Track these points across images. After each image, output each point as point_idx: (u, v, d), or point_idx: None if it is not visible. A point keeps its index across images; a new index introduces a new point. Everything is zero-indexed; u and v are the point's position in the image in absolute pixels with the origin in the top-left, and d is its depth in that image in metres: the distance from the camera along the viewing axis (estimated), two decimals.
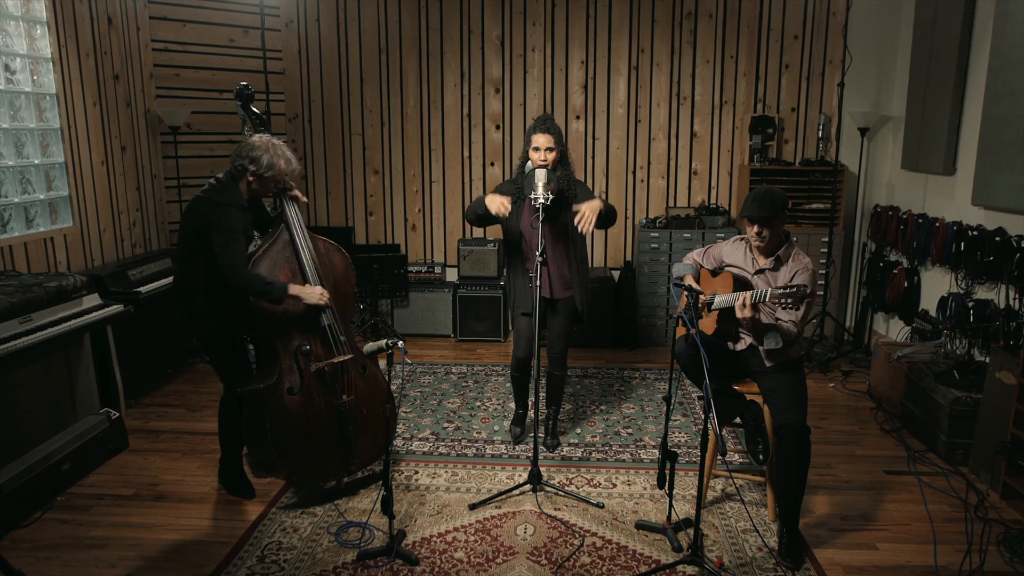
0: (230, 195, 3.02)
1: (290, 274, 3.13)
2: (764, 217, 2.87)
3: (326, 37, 5.82)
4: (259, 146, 3.00)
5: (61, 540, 2.98)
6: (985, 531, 3.03)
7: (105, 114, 4.67)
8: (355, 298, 3.67)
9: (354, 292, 3.45)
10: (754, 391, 3.07)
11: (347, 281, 3.37)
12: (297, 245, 3.16)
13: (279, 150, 3.04)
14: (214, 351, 3.21)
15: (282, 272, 3.11)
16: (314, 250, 3.21)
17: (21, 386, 3.39)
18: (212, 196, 3.00)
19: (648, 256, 5.54)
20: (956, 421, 3.63)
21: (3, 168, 3.90)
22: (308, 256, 3.16)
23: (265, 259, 3.09)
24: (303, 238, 3.17)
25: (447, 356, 5.43)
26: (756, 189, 2.97)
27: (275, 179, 3.07)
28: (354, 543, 2.94)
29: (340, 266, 3.35)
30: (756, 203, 2.88)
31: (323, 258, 3.26)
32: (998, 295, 3.93)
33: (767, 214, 2.86)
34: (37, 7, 4.12)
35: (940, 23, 4.58)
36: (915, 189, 4.98)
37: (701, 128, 5.76)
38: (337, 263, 3.34)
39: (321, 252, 3.27)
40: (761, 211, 2.87)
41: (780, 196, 2.91)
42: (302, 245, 3.16)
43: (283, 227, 3.18)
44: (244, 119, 3.36)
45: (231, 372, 3.21)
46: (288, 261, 3.15)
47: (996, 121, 3.91)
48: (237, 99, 3.32)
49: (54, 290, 3.53)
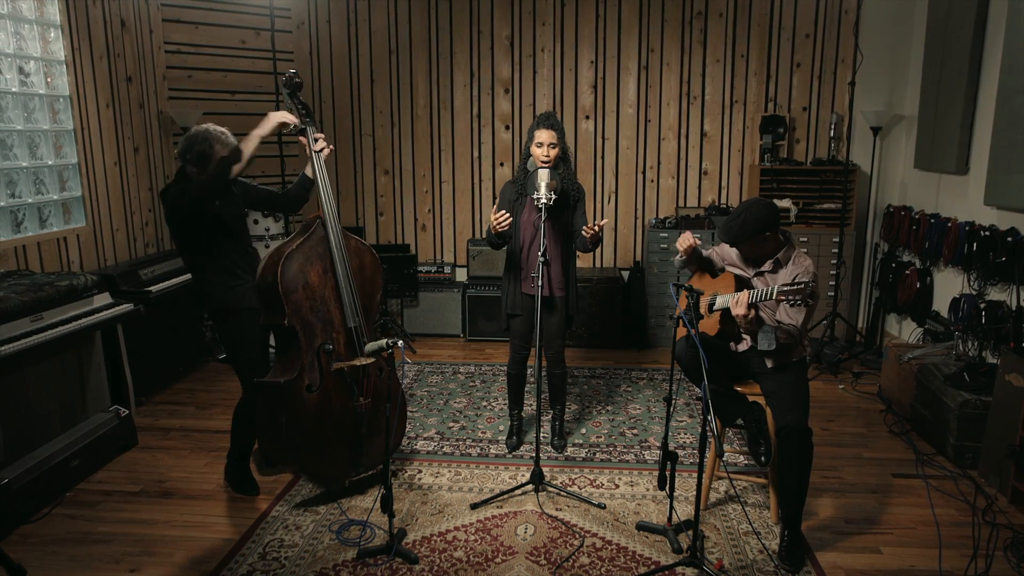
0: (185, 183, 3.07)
1: (321, 271, 3.14)
2: (734, 241, 2.91)
3: (337, 38, 5.86)
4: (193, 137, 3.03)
5: (68, 535, 3.03)
6: (992, 536, 2.98)
7: (118, 115, 4.74)
8: (382, 300, 3.65)
9: (381, 294, 3.45)
10: (756, 392, 3.05)
11: (374, 283, 3.38)
12: (332, 243, 3.16)
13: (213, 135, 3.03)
14: (233, 346, 3.24)
15: (314, 268, 3.12)
16: (346, 249, 3.22)
17: (32, 383, 3.45)
18: (171, 187, 3.08)
19: (657, 256, 5.52)
20: (965, 424, 3.58)
21: (17, 169, 3.97)
22: (340, 255, 3.17)
23: (299, 254, 3.09)
24: (337, 237, 3.18)
25: (455, 356, 5.45)
26: (736, 208, 2.94)
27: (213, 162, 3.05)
28: (355, 541, 2.96)
29: (369, 267, 3.36)
30: (726, 225, 2.90)
31: (353, 257, 3.27)
32: (1010, 296, 3.87)
33: (733, 239, 2.90)
34: (51, 10, 4.18)
35: (953, 21, 4.52)
36: (928, 189, 4.92)
37: (711, 128, 5.73)
38: (367, 264, 3.35)
39: (352, 251, 3.28)
40: (727, 235, 2.91)
41: (756, 218, 2.83)
42: (336, 244, 3.16)
43: (318, 223, 3.19)
44: (291, 109, 3.29)
45: (249, 370, 3.23)
46: (320, 258, 3.16)
47: (1009, 120, 3.85)
48: (285, 87, 3.27)
49: (65, 289, 3.58)
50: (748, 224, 2.84)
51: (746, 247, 2.96)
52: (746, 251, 3.00)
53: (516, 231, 3.58)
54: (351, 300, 3.18)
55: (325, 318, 3.14)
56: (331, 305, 3.16)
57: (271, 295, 3.03)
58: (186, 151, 3.04)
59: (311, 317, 3.10)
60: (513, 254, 3.61)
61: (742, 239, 2.89)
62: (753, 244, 2.92)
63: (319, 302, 3.12)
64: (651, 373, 5.04)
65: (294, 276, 3.05)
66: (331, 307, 3.16)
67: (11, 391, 3.30)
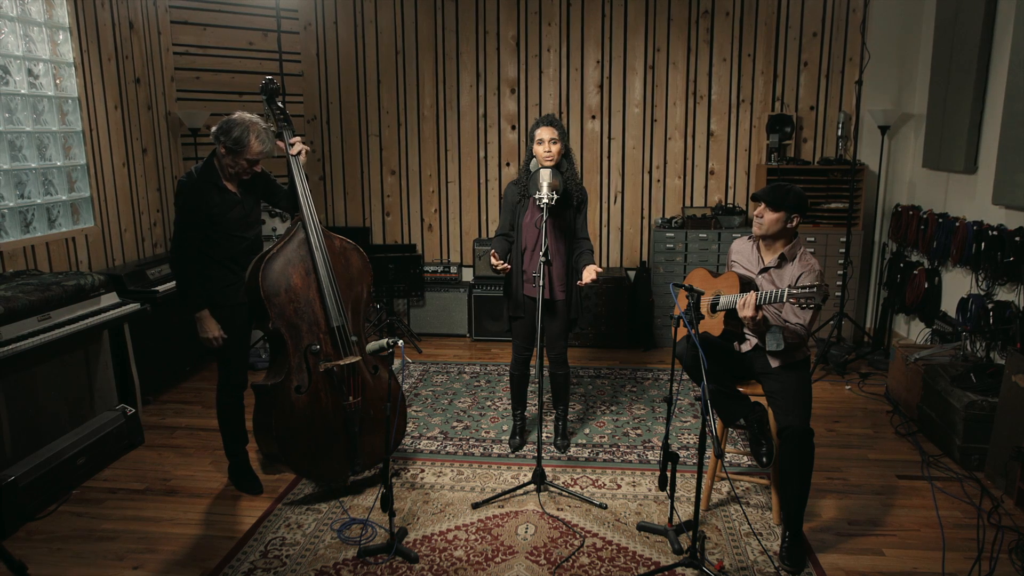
0: (205, 175, 3.11)
1: (304, 273, 3.16)
2: (768, 200, 2.90)
3: (343, 39, 5.88)
4: (235, 121, 3.05)
5: (74, 532, 3.06)
6: (997, 538, 2.95)
7: (126, 117, 4.78)
8: (371, 298, 3.69)
9: (371, 292, 3.47)
10: (758, 392, 3.04)
11: (363, 281, 3.39)
12: (312, 244, 3.19)
13: (255, 128, 3.06)
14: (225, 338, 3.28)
15: (296, 271, 3.15)
16: (328, 250, 3.24)
17: (40, 382, 3.49)
18: (186, 178, 3.11)
19: (664, 256, 5.51)
20: (972, 425, 3.55)
21: (26, 170, 4.02)
22: (321, 256, 3.19)
23: (280, 257, 3.12)
24: (317, 238, 3.20)
25: (461, 356, 5.46)
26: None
27: (246, 157, 3.08)
28: (355, 540, 2.98)
29: (356, 265, 3.37)
30: (767, 188, 2.94)
31: (338, 257, 3.29)
32: (1018, 297, 3.83)
33: (771, 198, 2.90)
34: (60, 13, 4.23)
35: (961, 19, 4.48)
36: (936, 188, 4.88)
37: (718, 127, 5.71)
38: (354, 262, 3.36)
39: (336, 251, 3.30)
40: (767, 194, 2.91)
41: (794, 192, 2.91)
42: (316, 245, 3.19)
43: (299, 225, 3.21)
44: (267, 115, 3.33)
45: (224, 362, 3.29)
46: (303, 260, 3.18)
47: (1017, 118, 3.81)
48: (262, 93, 3.30)
49: (72, 289, 3.62)
50: (790, 192, 2.89)
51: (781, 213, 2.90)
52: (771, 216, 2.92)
53: (518, 233, 3.58)
54: (334, 300, 3.19)
55: (311, 319, 3.16)
56: (316, 306, 3.18)
57: (254, 299, 3.08)
58: (222, 134, 3.04)
59: (296, 319, 3.12)
60: (515, 256, 3.61)
61: (783, 200, 2.88)
62: (784, 214, 2.90)
63: (304, 304, 3.14)
64: (656, 373, 5.03)
65: (276, 280, 3.08)
66: (316, 308, 3.17)
67: (19, 389, 3.33)
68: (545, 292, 3.21)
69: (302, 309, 3.13)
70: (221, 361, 3.32)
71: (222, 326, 3.22)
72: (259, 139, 3.07)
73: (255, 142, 3.06)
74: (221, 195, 3.14)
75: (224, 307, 3.23)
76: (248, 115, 3.10)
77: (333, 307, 3.18)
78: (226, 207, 3.16)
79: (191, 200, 3.09)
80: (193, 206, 3.09)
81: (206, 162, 3.16)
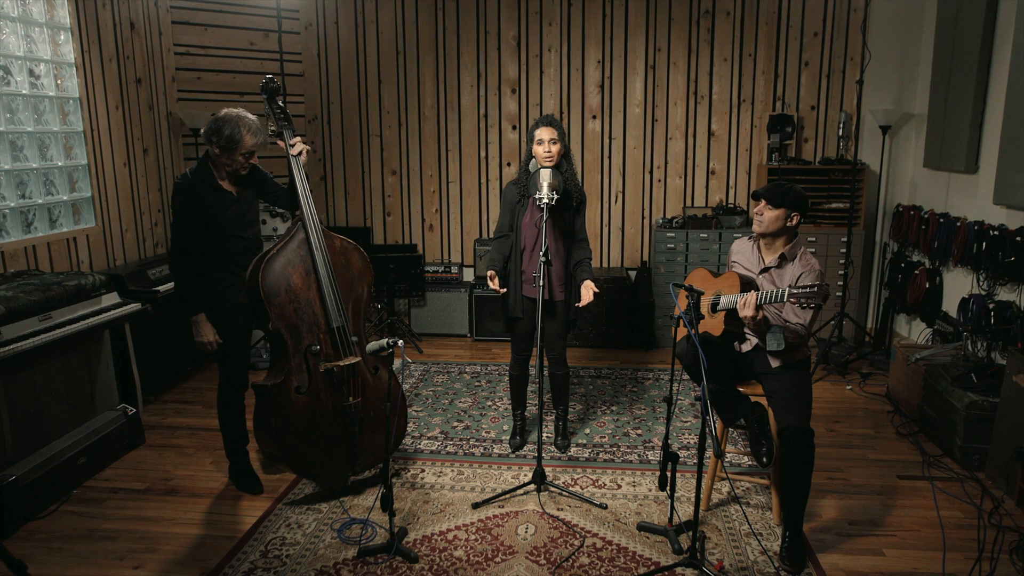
0: (200, 176, 3.11)
1: (304, 273, 3.17)
2: (769, 197, 2.91)
3: (344, 40, 5.89)
4: (223, 119, 3.04)
5: (74, 532, 3.06)
6: (998, 539, 2.95)
7: (128, 117, 4.79)
8: (372, 298, 3.69)
9: (371, 292, 3.47)
10: (758, 392, 3.04)
11: (363, 281, 3.39)
12: (312, 244, 3.19)
13: (244, 122, 3.05)
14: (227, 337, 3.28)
15: (296, 271, 3.15)
16: (329, 250, 3.23)
17: (41, 382, 3.49)
18: (182, 180, 3.12)
19: (664, 256, 5.51)
20: (972, 425, 3.54)
21: (28, 170, 4.02)
22: (322, 256, 3.19)
23: (280, 257, 3.12)
24: (318, 238, 3.20)
25: (462, 356, 5.46)
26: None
27: (242, 152, 3.08)
28: (355, 540, 2.98)
29: (357, 265, 3.37)
30: (768, 185, 2.94)
31: (338, 257, 3.29)
32: (1019, 296, 3.82)
33: (771, 195, 2.90)
34: (61, 13, 4.23)
35: (962, 19, 4.48)
36: (938, 188, 4.87)
37: (719, 127, 5.70)
38: (354, 262, 3.36)
39: (337, 251, 3.30)
40: (768, 192, 2.91)
41: (794, 190, 2.91)
42: (316, 245, 3.19)
43: (299, 225, 3.21)
44: (268, 114, 3.32)
45: (223, 361, 3.30)
46: (302, 260, 3.18)
47: (1018, 118, 3.81)
48: (263, 92, 3.29)
49: (73, 289, 3.62)
50: (792, 192, 2.89)
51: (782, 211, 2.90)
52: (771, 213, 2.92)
53: (518, 233, 3.58)
54: (334, 300, 3.19)
55: (311, 320, 3.16)
56: (316, 306, 3.18)
57: (254, 299, 3.08)
58: (213, 134, 3.05)
59: (296, 320, 3.12)
60: (515, 256, 3.61)
61: (784, 198, 2.88)
62: (785, 212, 2.90)
63: (303, 304, 3.14)
64: (657, 373, 5.02)
65: (276, 280, 3.08)
66: (316, 308, 3.17)
67: (20, 389, 3.34)
68: (544, 292, 3.22)
69: (302, 309, 3.13)
70: (222, 361, 3.33)
71: (222, 328, 3.23)
72: (251, 132, 3.07)
73: (248, 136, 3.06)
74: (217, 195, 3.14)
75: (224, 309, 3.23)
76: (234, 110, 3.10)
77: (333, 307, 3.19)
78: (223, 207, 3.16)
79: (187, 201, 3.09)
80: (190, 207, 3.09)
81: (200, 163, 3.16)
